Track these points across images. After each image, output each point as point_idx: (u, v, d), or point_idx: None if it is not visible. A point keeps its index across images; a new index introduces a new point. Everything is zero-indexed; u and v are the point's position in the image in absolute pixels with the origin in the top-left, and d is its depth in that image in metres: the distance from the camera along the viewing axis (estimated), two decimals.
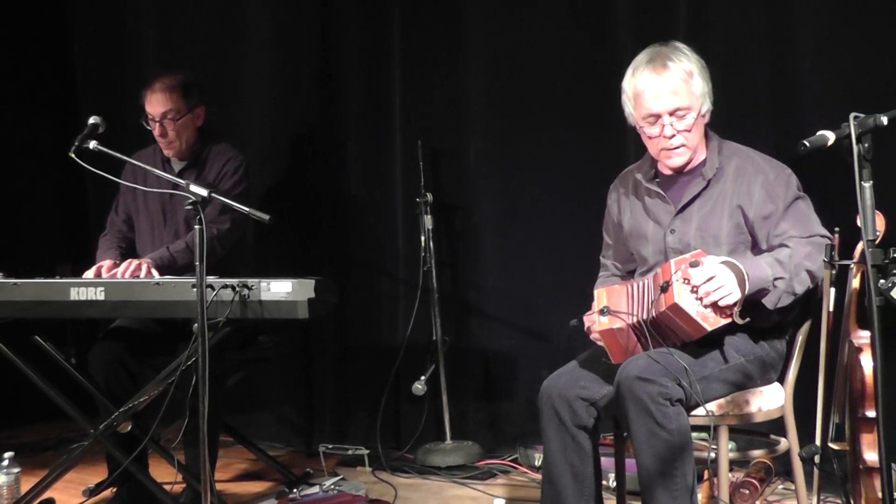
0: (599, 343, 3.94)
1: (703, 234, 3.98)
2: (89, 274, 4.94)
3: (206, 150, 5.35)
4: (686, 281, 3.69)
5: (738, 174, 4.00)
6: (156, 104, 5.20)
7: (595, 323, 3.89)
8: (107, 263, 5.03)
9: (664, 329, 3.78)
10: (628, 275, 4.33)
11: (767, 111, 4.97)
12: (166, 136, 5.22)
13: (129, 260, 4.96)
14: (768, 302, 3.84)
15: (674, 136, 3.97)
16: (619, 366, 3.81)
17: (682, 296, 3.68)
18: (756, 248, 4.00)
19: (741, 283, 3.72)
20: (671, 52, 4.00)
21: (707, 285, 3.67)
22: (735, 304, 3.72)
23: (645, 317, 3.79)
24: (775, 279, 3.81)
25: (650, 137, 4.03)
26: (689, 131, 3.97)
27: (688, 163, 4.05)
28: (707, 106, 4.01)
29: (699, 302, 3.69)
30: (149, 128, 5.26)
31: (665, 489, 3.67)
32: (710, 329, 3.72)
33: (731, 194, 3.98)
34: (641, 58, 4.04)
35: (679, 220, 4.03)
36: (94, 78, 7.21)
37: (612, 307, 3.85)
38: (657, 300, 3.74)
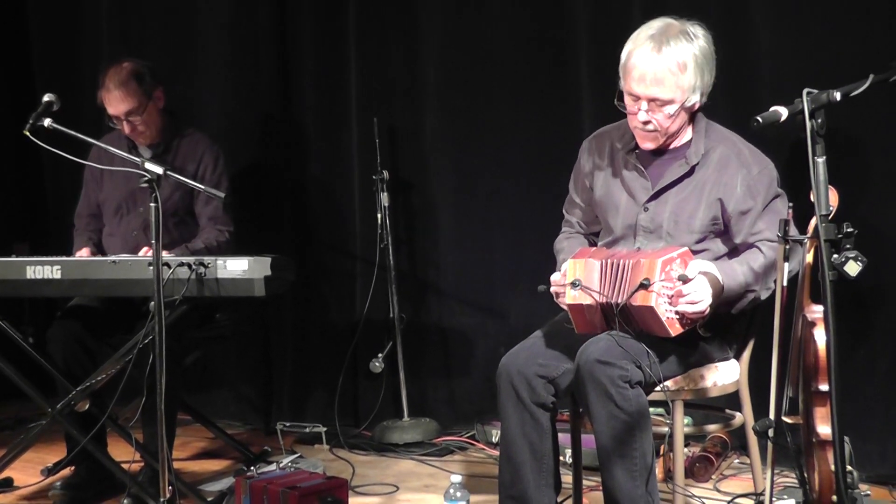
0: (565, 307, 3.94)
1: (677, 219, 3.97)
2: None
3: (176, 138, 5.30)
4: (669, 289, 3.70)
5: (721, 164, 3.96)
6: (116, 104, 5.10)
7: (564, 293, 3.88)
8: (84, 252, 5.03)
9: (631, 317, 3.79)
10: (592, 235, 4.31)
11: (723, 86, 4.96)
12: (136, 130, 5.15)
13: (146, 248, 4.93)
14: (735, 309, 3.92)
15: (648, 122, 3.92)
16: (580, 339, 3.82)
17: (658, 301, 3.69)
18: (727, 238, 4.01)
19: (716, 297, 3.75)
20: (678, 32, 3.87)
21: (686, 298, 3.69)
22: (705, 317, 3.77)
23: (615, 300, 3.77)
24: (747, 290, 3.86)
25: (629, 112, 3.97)
26: (662, 114, 3.90)
27: (667, 146, 4.03)
28: (695, 99, 3.91)
29: (672, 308, 3.72)
30: (117, 127, 5.18)
31: (624, 469, 3.68)
32: (672, 335, 3.74)
33: (711, 184, 3.95)
34: (649, 26, 3.92)
35: (654, 201, 4.02)
36: (50, 55, 7.14)
37: (584, 281, 3.83)
38: (635, 292, 3.71)
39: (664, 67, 3.84)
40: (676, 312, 3.72)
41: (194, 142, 5.33)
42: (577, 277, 3.83)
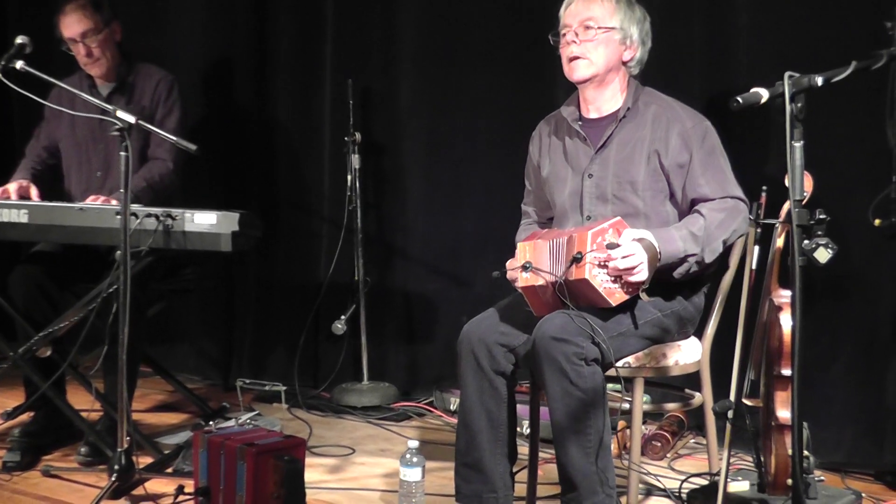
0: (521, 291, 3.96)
1: (621, 180, 4.01)
2: None
3: (132, 73, 5.29)
4: (599, 261, 3.70)
5: (655, 120, 4.03)
6: (72, 25, 5.11)
7: (518, 277, 3.91)
8: (10, 186, 4.97)
9: (576, 293, 3.80)
10: (548, 222, 4.35)
11: (702, 65, 4.98)
12: (92, 54, 5.14)
13: (94, 196, 4.87)
14: (677, 273, 3.89)
15: (573, 43, 4.02)
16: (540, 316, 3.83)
17: (592, 272, 3.69)
18: (673, 199, 4.03)
19: (652, 263, 3.75)
20: None
21: (619, 262, 3.68)
22: (643, 282, 3.76)
23: (563, 278, 3.80)
24: (687, 255, 3.85)
25: (560, 51, 4.09)
26: (590, 42, 4.01)
27: (614, 109, 4.10)
28: (621, 35, 4.04)
29: (609, 278, 3.72)
30: (72, 53, 5.18)
31: (578, 446, 3.68)
32: (614, 304, 3.74)
33: (648, 140, 4.01)
34: None
35: (597, 165, 4.05)
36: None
37: (534, 263, 3.85)
38: (569, 268, 3.74)
39: (599, 1, 4.03)
40: (614, 281, 3.73)
41: (149, 74, 5.32)
42: (528, 260, 3.86)
